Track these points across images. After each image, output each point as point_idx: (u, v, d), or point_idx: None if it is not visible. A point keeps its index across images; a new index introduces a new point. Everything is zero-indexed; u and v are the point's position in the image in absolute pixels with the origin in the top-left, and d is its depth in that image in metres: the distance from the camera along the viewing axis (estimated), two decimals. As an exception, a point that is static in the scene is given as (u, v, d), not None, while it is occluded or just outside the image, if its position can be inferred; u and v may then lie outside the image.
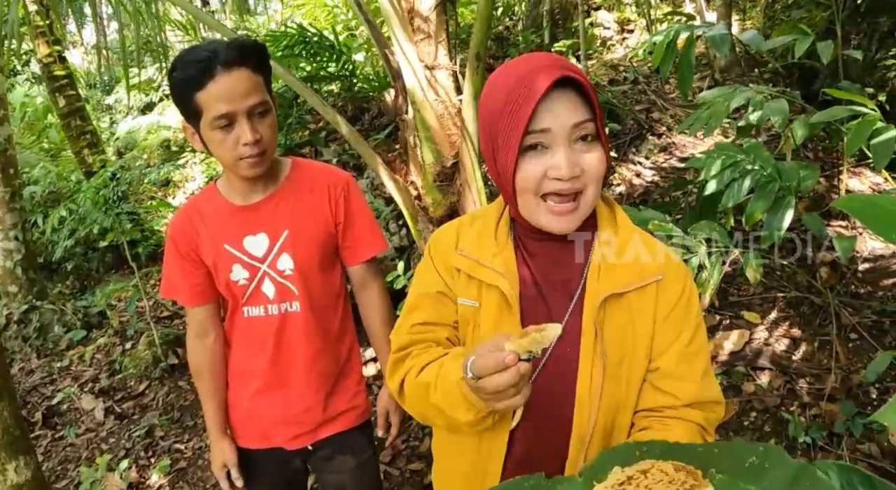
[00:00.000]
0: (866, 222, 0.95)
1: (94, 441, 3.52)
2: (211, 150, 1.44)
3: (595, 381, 1.04)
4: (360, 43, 6.09)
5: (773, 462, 0.79)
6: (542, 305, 1.09)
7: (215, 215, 1.57)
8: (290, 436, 1.67)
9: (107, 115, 10.03)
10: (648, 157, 4.95)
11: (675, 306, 1.06)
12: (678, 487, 0.71)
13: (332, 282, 1.66)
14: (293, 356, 1.62)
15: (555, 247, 1.10)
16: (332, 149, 5.16)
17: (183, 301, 1.65)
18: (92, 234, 5.02)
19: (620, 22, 8.20)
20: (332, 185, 1.60)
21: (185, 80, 1.36)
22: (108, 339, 4.60)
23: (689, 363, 1.05)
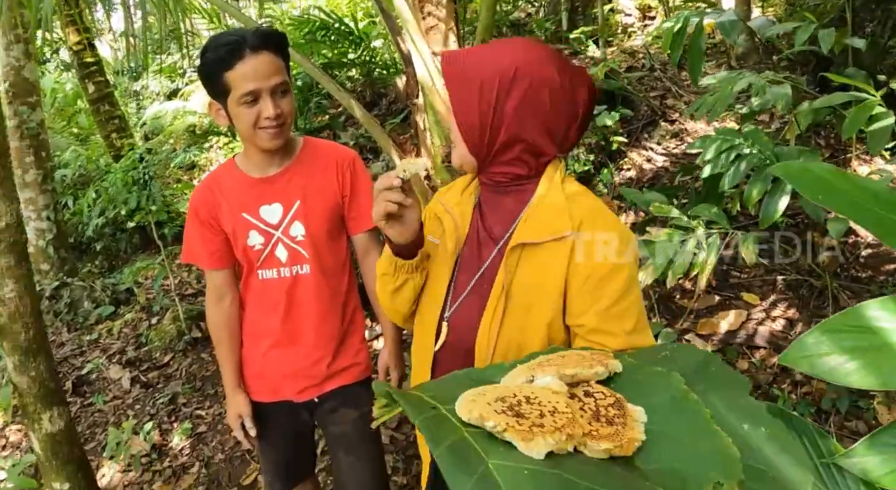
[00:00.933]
0: (797, 185, 1.04)
1: (121, 407, 3.72)
2: (236, 123, 1.60)
3: (496, 317, 1.17)
4: (380, 30, 6.20)
5: (682, 353, 0.92)
6: (477, 248, 1.26)
7: (234, 187, 1.72)
8: (298, 389, 1.82)
9: (134, 101, 10.27)
10: (660, 142, 5.01)
11: (595, 270, 1.14)
12: (589, 362, 0.83)
13: (338, 248, 1.81)
14: (303, 315, 1.77)
15: (500, 199, 1.25)
16: (350, 132, 5.30)
17: (202, 264, 1.79)
18: (120, 216, 5.21)
19: (642, 9, 8.18)
20: (339, 160, 1.75)
21: (216, 61, 1.52)
22: (135, 314, 4.80)
23: (614, 322, 1.13)
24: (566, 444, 0.68)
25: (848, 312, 0.88)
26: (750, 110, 3.06)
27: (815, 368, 0.83)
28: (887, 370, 0.83)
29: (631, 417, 0.75)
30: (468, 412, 0.72)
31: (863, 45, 3.02)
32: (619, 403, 0.76)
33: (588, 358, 0.86)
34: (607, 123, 4.57)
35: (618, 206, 4.29)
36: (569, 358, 0.86)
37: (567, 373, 0.80)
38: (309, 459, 2.07)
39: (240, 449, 3.15)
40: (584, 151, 4.63)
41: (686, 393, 0.76)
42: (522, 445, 0.67)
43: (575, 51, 6.66)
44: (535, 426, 0.68)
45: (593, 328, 1.14)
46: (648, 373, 0.83)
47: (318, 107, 5.61)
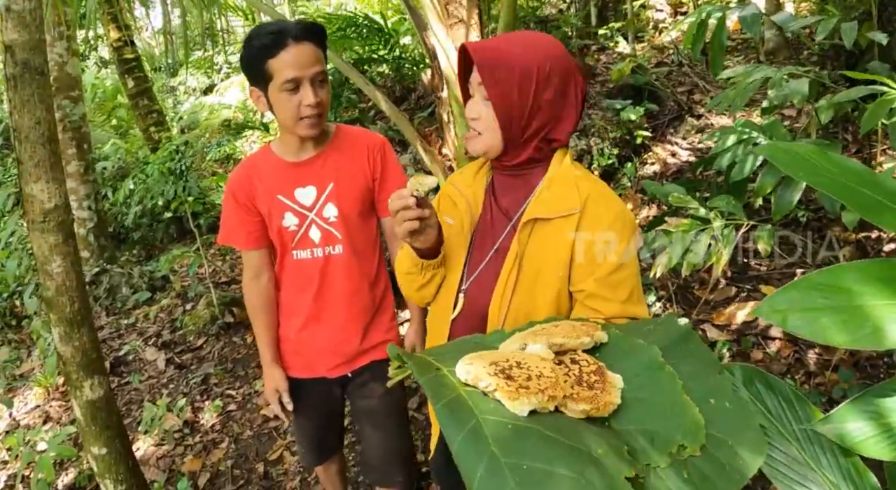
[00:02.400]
0: (780, 164, 1.10)
1: (156, 386, 3.90)
2: (276, 110, 1.67)
3: (508, 287, 1.29)
4: (408, 27, 6.30)
5: (665, 327, 1.01)
6: (490, 226, 1.37)
7: (270, 171, 1.80)
8: (331, 365, 1.91)
9: (171, 96, 10.54)
10: (685, 137, 5.03)
11: (594, 242, 1.27)
12: (578, 332, 0.94)
13: (369, 229, 1.89)
14: (335, 294, 1.85)
15: (512, 181, 1.38)
16: (379, 126, 5.41)
17: (239, 245, 1.88)
18: (157, 207, 5.40)
19: (674, 4, 8.15)
20: (370, 145, 1.84)
21: (260, 48, 1.59)
22: (171, 300, 4.98)
23: (611, 288, 1.25)
24: (548, 404, 0.79)
25: (824, 272, 0.92)
26: (770, 104, 3.08)
27: (784, 322, 0.86)
28: (855, 329, 0.87)
29: (610, 383, 0.84)
30: (465, 373, 0.84)
31: (885, 38, 3.02)
32: (601, 370, 0.87)
33: (578, 328, 0.96)
34: (632, 118, 4.61)
35: (640, 200, 4.34)
36: (561, 327, 0.97)
37: (556, 341, 0.91)
38: (340, 434, 2.18)
39: (267, 426, 3.29)
40: (609, 145, 4.67)
41: (662, 364, 0.86)
42: (509, 403, 0.78)
43: (603, 46, 6.68)
44: (522, 387, 0.79)
45: (591, 293, 1.26)
46: (630, 344, 0.94)
47: (348, 101, 5.74)
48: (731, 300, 3.33)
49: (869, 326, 0.89)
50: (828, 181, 1.13)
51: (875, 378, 2.73)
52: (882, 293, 0.93)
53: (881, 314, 0.91)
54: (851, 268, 0.97)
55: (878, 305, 0.92)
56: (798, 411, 1.09)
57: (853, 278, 0.95)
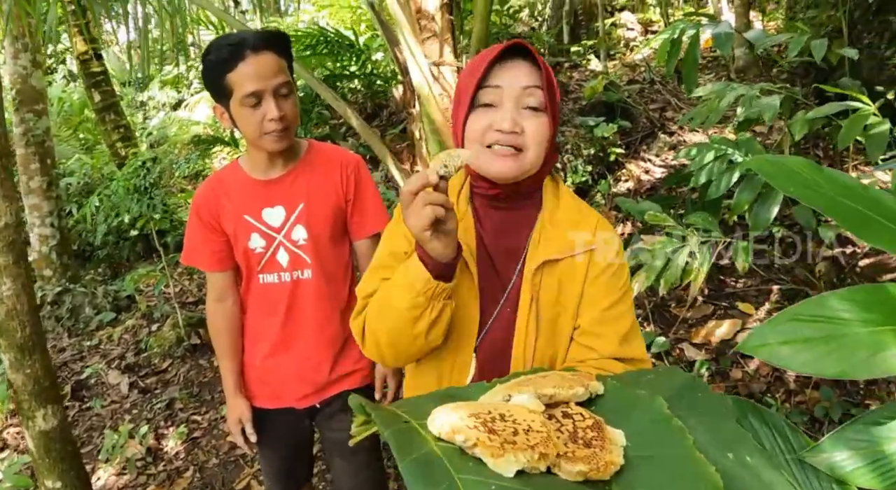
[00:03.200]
0: (769, 178, 1.06)
1: (119, 412, 3.75)
2: (239, 126, 1.58)
3: (529, 339, 1.15)
4: (381, 43, 6.27)
5: (667, 377, 0.90)
6: (492, 269, 1.20)
7: (237, 188, 1.70)
8: (299, 395, 1.80)
9: (140, 111, 10.37)
10: (659, 154, 5.04)
11: (601, 274, 1.16)
12: (569, 383, 0.81)
13: (341, 253, 1.79)
14: (304, 320, 1.75)
15: (505, 216, 1.21)
16: (350, 142, 5.34)
17: (203, 266, 1.78)
18: (123, 224, 5.26)
19: (644, 23, 8.25)
20: (344, 164, 1.75)
21: (218, 62, 1.50)
22: (136, 321, 4.83)
23: (609, 324, 1.15)
24: (538, 463, 0.66)
25: (808, 302, 0.89)
26: (744, 119, 3.08)
27: (773, 357, 0.84)
28: (844, 359, 0.84)
29: (610, 440, 0.72)
30: (439, 426, 0.70)
31: (855, 54, 3.05)
32: (598, 425, 0.74)
33: (569, 378, 0.83)
34: (605, 135, 4.60)
35: (615, 217, 4.31)
36: (550, 378, 0.84)
37: (545, 392, 0.78)
38: (309, 465, 2.07)
39: (234, 454, 3.17)
40: (583, 163, 4.65)
41: (668, 417, 0.74)
42: (492, 461, 0.65)
43: (575, 64, 6.71)
44: (507, 443, 0.66)
45: (587, 330, 1.16)
46: (631, 396, 0.81)
47: (319, 117, 5.67)
48: (708, 318, 3.30)
49: (860, 355, 0.87)
50: (816, 195, 1.09)
51: (855, 394, 2.71)
52: (869, 320, 0.91)
53: (871, 341, 0.89)
54: (836, 296, 0.94)
55: (867, 333, 0.89)
56: (793, 444, 1.04)
57: (839, 307, 0.92)
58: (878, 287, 1.00)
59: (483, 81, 1.10)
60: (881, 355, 0.85)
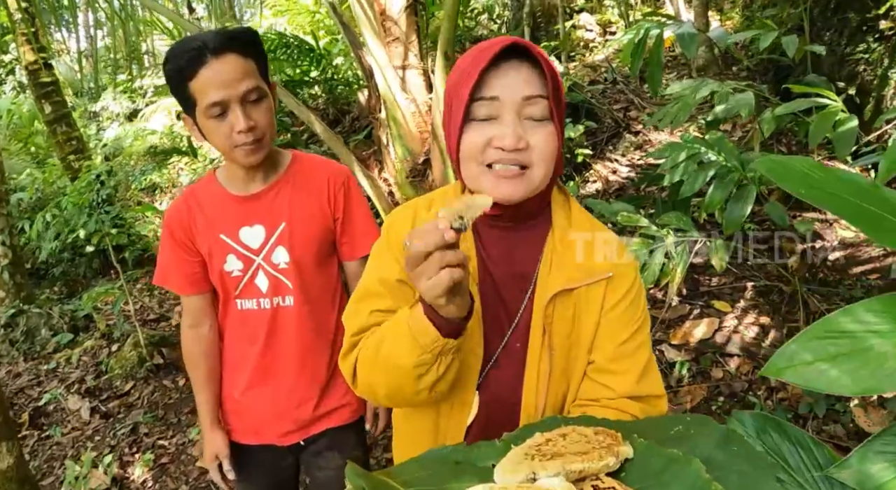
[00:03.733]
0: (779, 180, 1.01)
1: (80, 439, 3.57)
2: (209, 139, 1.43)
3: (542, 375, 1.04)
4: (341, 47, 6.17)
5: (698, 429, 0.80)
6: (496, 297, 1.07)
7: (213, 204, 1.55)
8: (282, 432, 1.66)
9: (93, 122, 10.07)
10: (625, 154, 5.04)
11: (618, 303, 1.05)
12: (594, 446, 0.72)
13: (328, 277, 1.64)
14: (284, 351, 1.60)
15: (509, 238, 1.08)
16: (312, 149, 5.23)
17: (176, 289, 1.62)
18: (79, 240, 5.06)
19: (602, 24, 8.29)
20: (331, 178, 1.58)
21: (177, 70, 1.35)
22: (95, 341, 4.64)
23: (626, 359, 1.04)
24: None
25: (829, 319, 0.85)
26: (714, 118, 3.07)
27: (799, 377, 0.79)
28: (872, 375, 0.79)
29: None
30: None
31: (823, 51, 3.06)
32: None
33: (594, 441, 0.75)
34: (572, 136, 4.57)
35: (586, 218, 4.28)
36: (571, 439, 0.75)
37: (573, 468, 0.69)
38: None
39: (204, 479, 3.04)
40: (551, 164, 4.62)
41: (708, 482, 0.66)
42: None
43: (538, 65, 6.70)
44: None
45: (603, 367, 1.05)
46: (663, 458, 0.72)
47: (280, 124, 5.54)
48: (685, 318, 3.28)
49: (888, 368, 0.82)
50: (825, 195, 1.05)
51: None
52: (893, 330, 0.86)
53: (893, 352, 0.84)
54: (857, 309, 0.90)
55: (892, 344, 0.84)
56: (817, 458, 0.98)
57: (861, 319, 0.88)
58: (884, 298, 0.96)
59: (476, 92, 0.94)
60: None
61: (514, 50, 0.95)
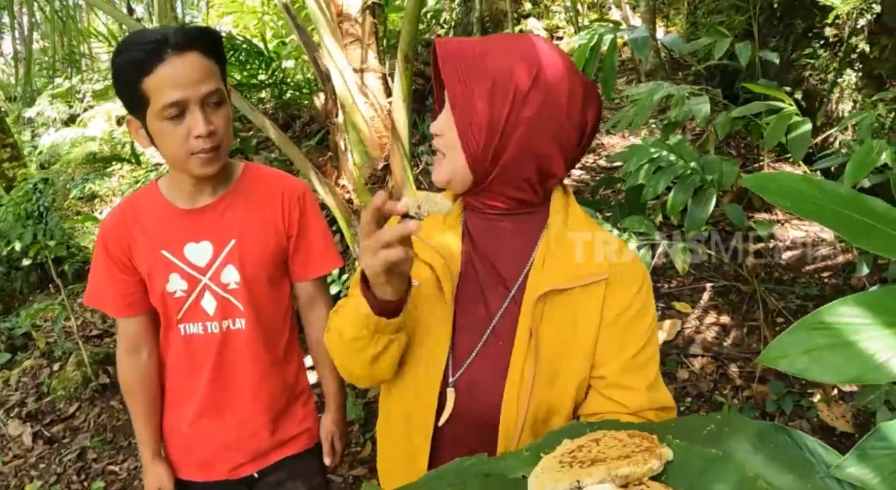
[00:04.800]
0: (768, 195, 1.02)
1: (23, 468, 3.36)
2: (158, 145, 1.31)
3: (525, 380, 0.99)
4: (290, 50, 6.04)
5: (733, 426, 0.79)
6: (478, 291, 1.04)
7: (154, 218, 1.43)
8: (233, 465, 1.55)
9: (28, 128, 9.64)
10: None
11: (624, 311, 1.01)
12: (633, 450, 0.69)
13: (280, 298, 1.54)
14: (236, 379, 1.50)
15: (500, 228, 1.05)
16: (263, 156, 5.10)
17: (110, 311, 1.50)
18: (14, 252, 4.80)
19: (550, 29, 8.39)
20: (286, 192, 1.48)
21: (131, 64, 1.23)
22: (35, 360, 4.40)
23: (637, 373, 1.00)
24: None
25: (818, 312, 0.87)
26: (670, 121, 3.10)
27: (791, 367, 0.81)
28: (859, 364, 0.82)
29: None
30: None
31: (776, 57, 3.14)
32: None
33: (630, 444, 0.72)
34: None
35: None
36: (606, 444, 0.72)
37: (620, 473, 0.66)
38: None
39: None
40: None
41: (753, 481, 0.65)
42: None
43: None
44: None
45: (613, 382, 1.00)
46: (703, 458, 0.70)
47: (230, 130, 5.39)
48: (647, 320, 3.29)
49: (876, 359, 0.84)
50: (815, 208, 1.07)
51: (797, 384, 2.75)
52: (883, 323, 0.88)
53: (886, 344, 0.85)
54: (847, 302, 0.91)
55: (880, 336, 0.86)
56: (825, 462, 0.97)
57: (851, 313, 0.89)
58: (890, 290, 0.99)
59: None
60: (892, 360, 0.83)
61: None
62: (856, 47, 3.90)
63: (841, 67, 3.92)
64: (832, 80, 3.94)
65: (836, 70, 3.95)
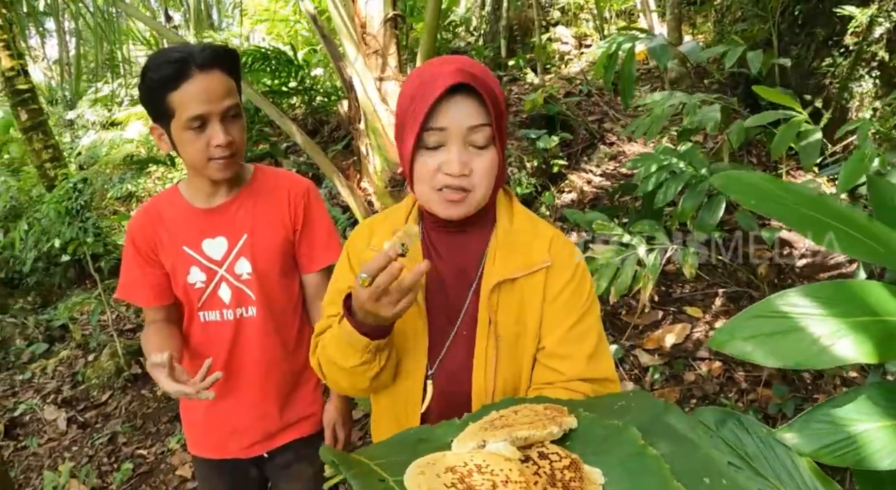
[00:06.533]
0: (731, 193, 1.09)
1: (57, 449, 3.55)
2: (180, 151, 1.45)
3: (489, 360, 1.12)
4: (320, 58, 6.21)
5: (639, 403, 0.89)
6: (444, 293, 1.17)
7: (176, 217, 1.57)
8: (245, 444, 1.66)
9: (68, 130, 9.97)
10: (599, 165, 5.13)
11: (561, 291, 1.13)
12: (543, 420, 0.79)
13: (290, 288, 1.65)
14: (248, 362, 1.62)
15: (457, 238, 1.19)
16: (292, 160, 5.26)
17: (140, 302, 1.62)
18: (53, 249, 5.02)
19: (578, 37, 8.42)
20: (292, 190, 1.61)
21: (159, 80, 1.37)
22: (71, 351, 4.60)
23: (574, 344, 1.12)
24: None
25: (767, 300, 0.95)
26: (685, 129, 3.16)
27: (737, 350, 0.89)
28: (801, 351, 0.90)
29: (588, 479, 0.71)
30: (416, 487, 0.68)
31: (789, 63, 3.17)
32: (576, 465, 0.73)
33: (541, 414, 0.82)
34: (547, 147, 4.65)
35: (560, 228, 4.36)
36: (522, 414, 0.83)
37: (519, 435, 0.77)
38: None
39: (184, 488, 3.04)
40: (526, 175, 4.70)
41: (644, 448, 0.73)
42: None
43: (514, 77, 6.79)
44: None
45: (552, 352, 1.13)
46: (605, 427, 0.80)
47: (259, 134, 5.56)
48: (658, 323, 3.36)
49: (817, 346, 0.92)
50: (779, 207, 1.13)
51: (804, 389, 2.79)
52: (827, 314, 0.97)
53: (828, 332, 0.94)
54: (792, 294, 0.99)
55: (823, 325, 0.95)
56: (774, 449, 1.06)
57: (797, 303, 0.98)
58: (838, 284, 1.05)
59: (427, 122, 1.04)
60: (836, 346, 0.92)
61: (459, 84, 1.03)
62: (875, 55, 3.92)
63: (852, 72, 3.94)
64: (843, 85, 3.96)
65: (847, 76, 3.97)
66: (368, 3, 2.93)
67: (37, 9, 4.26)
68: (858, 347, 0.91)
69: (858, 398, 0.98)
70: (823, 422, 0.99)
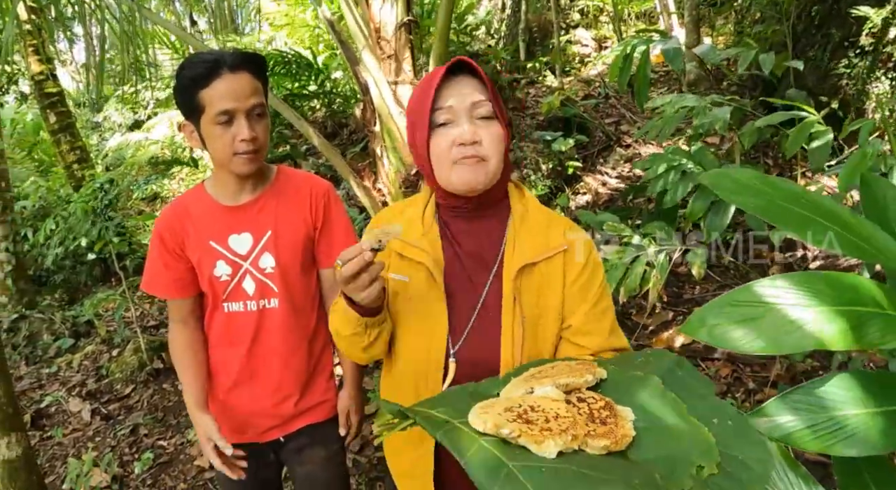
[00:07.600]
0: (717, 190, 1.12)
1: (81, 440, 3.66)
2: (209, 145, 1.54)
3: (517, 339, 1.21)
4: (339, 62, 6.31)
5: (656, 358, 1.04)
6: (465, 276, 1.26)
7: (203, 214, 1.65)
8: (262, 429, 1.74)
9: (95, 132, 10.19)
10: (615, 167, 5.16)
11: (580, 274, 1.24)
12: (578, 372, 0.94)
13: (309, 283, 1.74)
14: (269, 351, 1.69)
15: (473, 224, 1.29)
16: (311, 161, 5.35)
17: (164, 294, 1.70)
18: (80, 248, 5.16)
19: (598, 39, 8.44)
20: (313, 190, 1.70)
21: (193, 78, 1.47)
22: (96, 346, 4.74)
23: (598, 320, 1.23)
24: (572, 444, 0.79)
25: (741, 289, 0.97)
26: (695, 131, 3.19)
27: (711, 336, 0.91)
28: (773, 336, 0.92)
29: (621, 417, 0.85)
30: (482, 423, 0.81)
31: (801, 65, 3.18)
32: (609, 405, 0.87)
33: (575, 367, 0.96)
34: (563, 149, 4.69)
35: (575, 228, 4.39)
36: (559, 368, 0.97)
37: (561, 382, 0.91)
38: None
39: (202, 478, 3.13)
40: (541, 177, 4.74)
41: (664, 392, 0.89)
42: (535, 447, 0.77)
43: (532, 80, 6.83)
44: (544, 430, 0.79)
45: (578, 329, 1.23)
46: (629, 377, 0.95)
47: (279, 136, 5.67)
48: (668, 324, 3.38)
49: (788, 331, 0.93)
50: (764, 203, 1.16)
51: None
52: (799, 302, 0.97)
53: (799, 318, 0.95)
54: (764, 282, 1.00)
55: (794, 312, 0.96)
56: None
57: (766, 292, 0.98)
58: (809, 273, 1.08)
59: (435, 104, 1.19)
60: (807, 331, 0.92)
61: (458, 68, 1.21)
62: (891, 56, 3.91)
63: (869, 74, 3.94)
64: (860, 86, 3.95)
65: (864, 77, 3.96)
66: (383, 8, 3.01)
67: (65, 14, 4.40)
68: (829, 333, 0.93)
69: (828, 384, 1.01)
70: (796, 405, 1.01)
